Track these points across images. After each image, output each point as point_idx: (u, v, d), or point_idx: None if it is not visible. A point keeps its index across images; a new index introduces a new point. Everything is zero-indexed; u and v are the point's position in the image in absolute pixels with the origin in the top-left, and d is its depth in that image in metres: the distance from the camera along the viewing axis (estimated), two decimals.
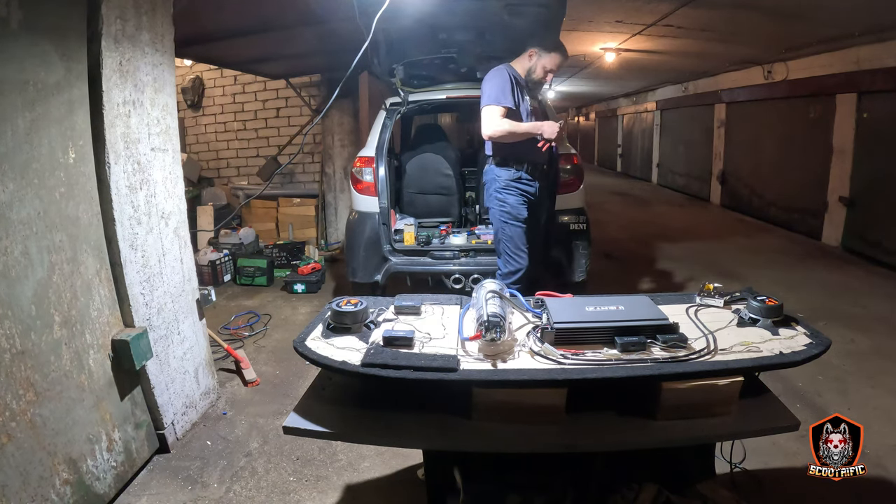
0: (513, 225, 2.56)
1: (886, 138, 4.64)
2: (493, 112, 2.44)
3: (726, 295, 1.50)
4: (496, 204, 2.58)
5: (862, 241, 5.00)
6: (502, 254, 2.62)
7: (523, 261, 2.58)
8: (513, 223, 2.56)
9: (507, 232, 2.57)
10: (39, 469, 1.51)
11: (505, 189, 2.55)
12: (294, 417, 1.25)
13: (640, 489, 1.37)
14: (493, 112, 2.44)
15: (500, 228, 2.59)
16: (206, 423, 2.34)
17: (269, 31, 3.37)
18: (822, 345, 1.25)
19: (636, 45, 5.28)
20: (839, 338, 2.97)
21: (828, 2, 3.53)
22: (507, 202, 2.55)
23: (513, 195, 2.55)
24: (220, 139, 6.00)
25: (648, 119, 11.25)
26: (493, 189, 2.58)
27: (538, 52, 2.54)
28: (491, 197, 2.60)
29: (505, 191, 2.55)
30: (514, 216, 2.55)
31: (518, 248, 2.57)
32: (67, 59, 1.64)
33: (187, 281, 2.30)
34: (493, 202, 2.60)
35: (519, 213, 2.56)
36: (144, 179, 2.02)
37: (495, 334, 1.19)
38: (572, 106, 17.71)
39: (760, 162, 7.00)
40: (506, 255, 2.60)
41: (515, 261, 2.58)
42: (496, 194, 2.57)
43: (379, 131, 3.32)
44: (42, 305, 1.56)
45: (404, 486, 1.91)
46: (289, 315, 3.69)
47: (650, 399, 1.20)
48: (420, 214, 3.80)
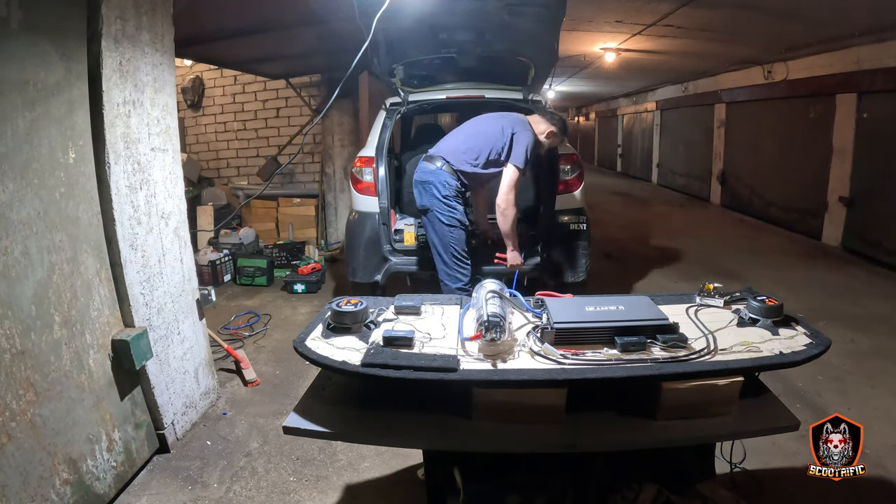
0: (459, 229, 2.67)
1: (886, 138, 4.64)
2: (515, 180, 2.58)
3: (726, 295, 1.50)
4: (444, 209, 2.64)
5: (862, 241, 5.00)
6: (448, 259, 2.68)
7: (469, 268, 2.71)
8: (459, 227, 2.67)
9: (455, 235, 2.66)
10: (39, 469, 1.51)
11: (456, 197, 2.66)
12: (294, 417, 1.25)
13: (640, 489, 1.37)
14: (515, 180, 2.58)
15: (448, 232, 2.65)
16: (206, 423, 2.34)
17: (269, 31, 3.37)
18: (822, 345, 1.25)
19: (636, 45, 5.29)
20: (839, 338, 2.97)
21: (828, 2, 3.54)
22: (457, 209, 2.66)
23: (460, 204, 2.68)
24: (220, 139, 6.00)
25: (648, 119, 11.25)
26: (440, 194, 2.63)
27: (557, 135, 2.76)
28: (435, 199, 2.64)
29: (455, 199, 2.66)
30: (461, 221, 2.67)
31: (465, 254, 2.70)
32: (67, 59, 1.64)
33: (187, 281, 2.30)
34: (439, 206, 2.64)
35: (463, 220, 2.67)
36: (144, 179, 2.02)
37: (495, 334, 1.19)
38: (572, 106, 17.71)
39: (760, 162, 7.00)
40: (454, 261, 2.67)
41: (464, 265, 2.69)
42: (445, 200, 2.64)
43: (379, 131, 3.32)
44: (42, 305, 1.56)
45: (404, 486, 1.91)
46: (289, 315, 3.69)
47: (650, 399, 1.20)
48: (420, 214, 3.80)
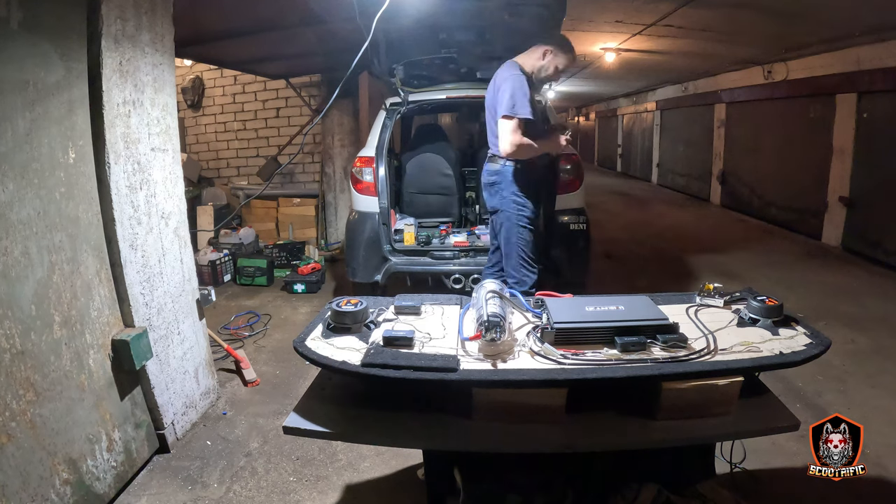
0: (530, 230, 2.47)
1: (886, 138, 4.63)
2: (511, 127, 2.31)
3: (726, 295, 1.50)
4: (513, 207, 2.44)
5: (862, 241, 5.00)
6: (516, 260, 2.48)
7: (536, 271, 2.50)
8: (531, 227, 2.47)
9: (525, 237, 2.46)
10: (39, 469, 1.51)
11: (524, 192, 2.45)
12: (294, 417, 1.25)
13: (640, 489, 1.37)
14: (511, 127, 2.31)
15: (518, 233, 2.46)
16: (206, 423, 2.34)
17: (269, 31, 3.37)
18: (822, 345, 1.25)
19: (636, 45, 5.28)
20: (839, 338, 2.97)
21: (828, 2, 3.53)
22: (527, 206, 2.46)
23: (532, 199, 2.47)
24: (220, 139, 6.00)
25: (648, 119, 11.25)
26: (509, 192, 2.44)
27: (554, 51, 2.44)
28: (506, 199, 2.46)
29: (524, 194, 2.45)
30: (533, 221, 2.48)
31: (533, 255, 2.49)
32: (67, 59, 1.64)
33: (187, 281, 2.30)
34: (509, 205, 2.46)
35: (537, 218, 2.49)
36: (144, 179, 2.02)
37: (495, 334, 1.19)
38: (572, 106, 17.71)
39: (760, 162, 6.99)
40: (521, 262, 2.47)
41: (531, 269, 2.48)
42: (514, 197, 2.44)
43: (379, 131, 3.32)
44: (42, 305, 1.56)
45: (404, 486, 1.91)
46: (289, 315, 3.69)
47: (650, 399, 1.20)
48: (420, 214, 3.80)
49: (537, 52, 2.47)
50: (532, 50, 2.49)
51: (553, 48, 2.45)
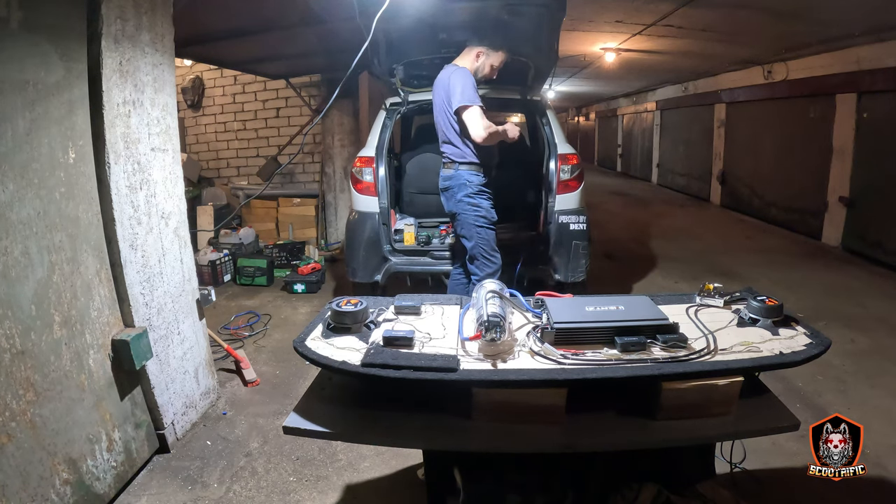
0: (487, 228, 2.61)
1: (886, 138, 4.64)
2: (478, 113, 2.42)
3: (726, 295, 1.50)
4: (469, 210, 2.58)
5: (862, 241, 5.00)
6: (478, 258, 2.63)
7: (499, 260, 2.64)
8: (487, 226, 2.61)
9: (483, 235, 2.61)
10: (39, 469, 1.51)
11: (478, 194, 2.58)
12: (294, 417, 1.25)
13: (640, 489, 1.37)
14: (478, 113, 2.42)
15: (476, 233, 2.60)
16: (206, 423, 2.34)
17: (269, 31, 3.38)
18: (822, 345, 1.25)
19: (636, 45, 5.28)
20: (839, 338, 2.97)
21: (828, 2, 3.53)
22: (482, 206, 2.59)
23: (484, 199, 2.61)
24: (220, 139, 6.01)
25: (648, 119, 11.25)
26: (462, 195, 2.58)
27: (486, 52, 2.57)
28: (461, 202, 2.59)
29: (478, 196, 2.58)
30: (489, 219, 2.61)
31: (493, 250, 2.64)
32: (67, 59, 1.64)
33: (187, 281, 2.30)
34: (464, 208, 2.59)
35: (492, 216, 2.62)
36: (144, 179, 2.02)
37: (495, 334, 1.19)
38: (572, 106, 17.70)
39: (760, 162, 7.00)
40: (482, 259, 2.63)
41: (492, 262, 2.63)
42: (468, 199, 2.57)
43: (379, 131, 3.32)
44: (42, 305, 1.56)
45: (404, 486, 1.91)
46: (289, 315, 3.69)
47: (650, 399, 1.20)
48: (420, 214, 3.80)
49: (471, 54, 2.60)
50: (466, 52, 2.62)
51: (485, 49, 2.58)
